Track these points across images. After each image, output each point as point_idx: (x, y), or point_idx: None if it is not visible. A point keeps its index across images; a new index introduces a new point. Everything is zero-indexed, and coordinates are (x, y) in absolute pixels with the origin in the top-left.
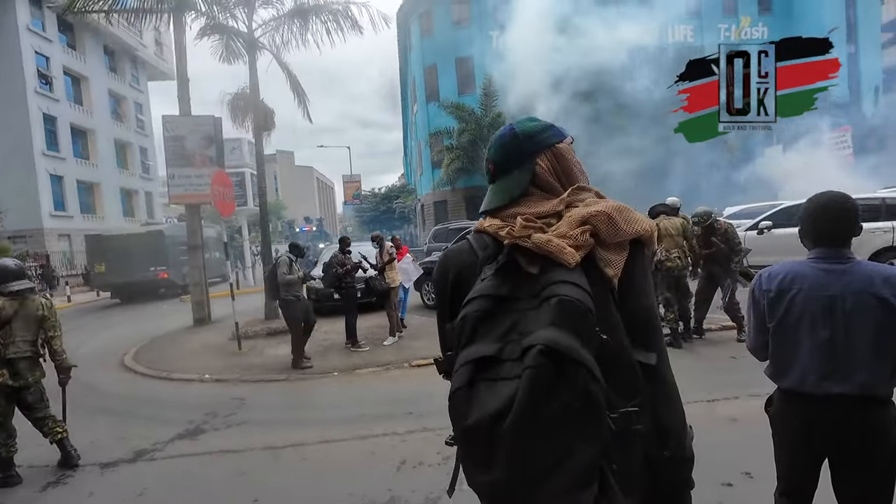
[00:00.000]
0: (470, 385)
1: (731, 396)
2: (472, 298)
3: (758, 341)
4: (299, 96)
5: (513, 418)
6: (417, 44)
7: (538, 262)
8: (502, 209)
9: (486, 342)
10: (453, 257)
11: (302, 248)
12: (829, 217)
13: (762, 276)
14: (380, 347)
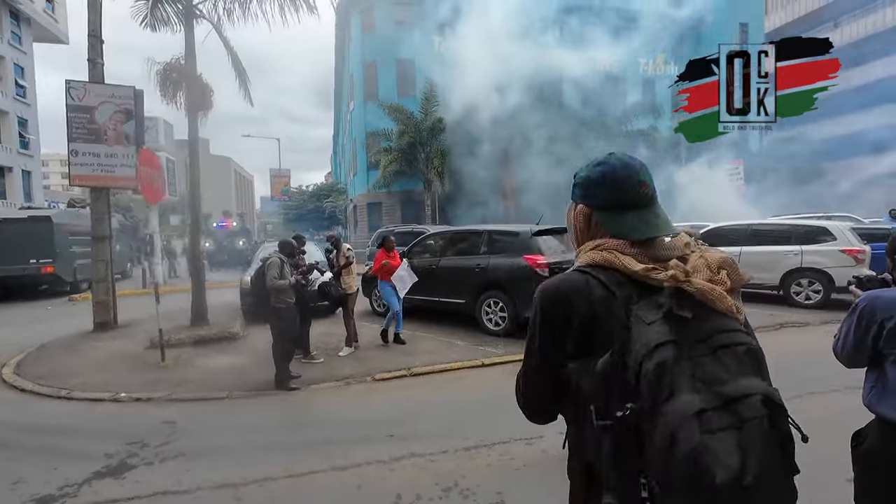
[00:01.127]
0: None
1: None
2: (659, 345)
3: (853, 359)
4: (240, 76)
5: (762, 471)
6: (357, 39)
7: (691, 306)
8: (646, 241)
9: (686, 392)
10: (578, 291)
11: (296, 248)
12: None
13: (875, 302)
14: (335, 359)
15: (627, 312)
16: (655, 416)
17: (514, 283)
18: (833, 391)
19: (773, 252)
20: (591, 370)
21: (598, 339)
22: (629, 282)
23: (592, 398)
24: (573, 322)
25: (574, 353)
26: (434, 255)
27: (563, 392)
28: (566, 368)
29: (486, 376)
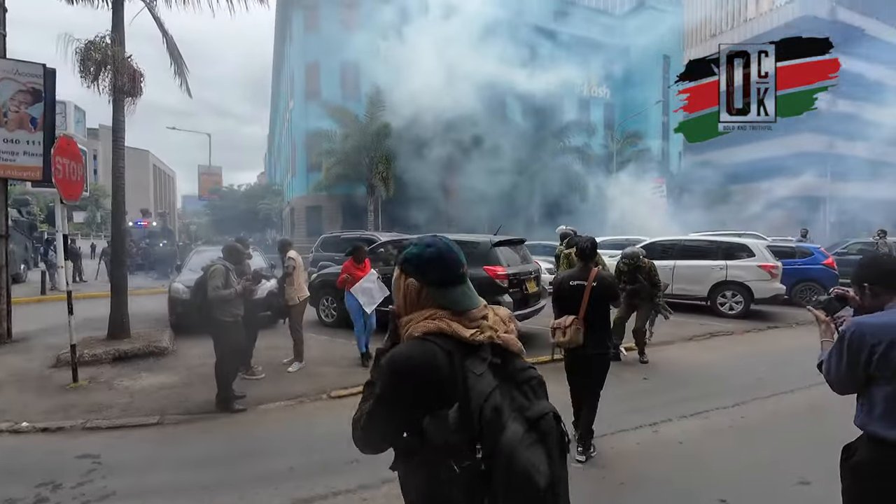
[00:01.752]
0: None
1: (664, 419)
2: (491, 391)
3: (846, 386)
4: (177, 63)
5: (561, 470)
6: (300, 37)
7: (500, 354)
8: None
9: (512, 423)
10: (426, 358)
11: (243, 253)
12: (888, 267)
13: (863, 328)
14: (283, 376)
15: (464, 370)
16: (496, 449)
17: None
18: (773, 395)
19: (702, 266)
20: (443, 421)
21: (445, 395)
22: (458, 344)
23: (446, 445)
24: (423, 386)
25: (425, 410)
26: (387, 265)
27: (400, 435)
28: (417, 421)
29: None
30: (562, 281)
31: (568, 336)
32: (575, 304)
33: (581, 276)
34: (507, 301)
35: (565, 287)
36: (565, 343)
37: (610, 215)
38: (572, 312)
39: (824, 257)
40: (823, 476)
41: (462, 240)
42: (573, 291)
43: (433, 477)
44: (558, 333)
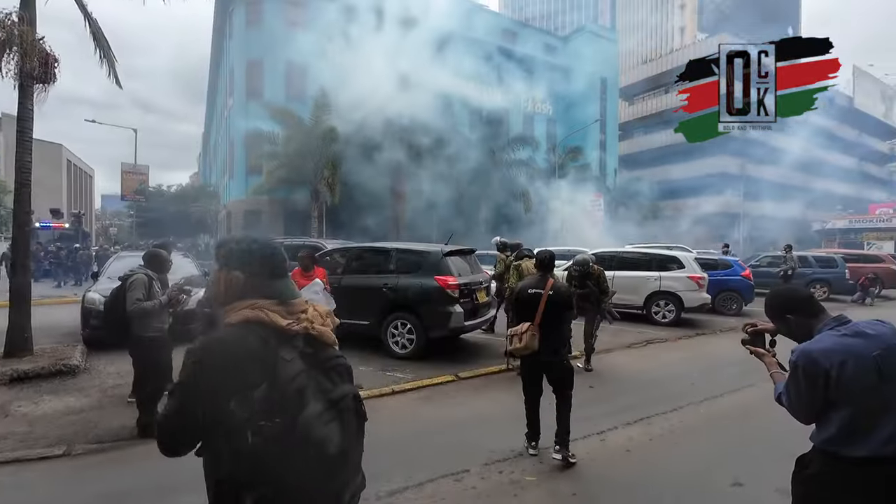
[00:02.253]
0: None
1: (610, 427)
2: (296, 375)
3: (810, 415)
4: (102, 48)
5: (352, 440)
6: (241, 33)
7: (313, 344)
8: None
9: (313, 402)
10: (239, 344)
11: (167, 260)
12: (801, 295)
13: (813, 355)
14: None
15: (276, 356)
16: (294, 423)
17: (424, 304)
18: (706, 400)
19: (638, 277)
20: (250, 400)
21: (256, 378)
22: (274, 332)
23: (247, 420)
24: (235, 369)
25: (234, 392)
26: (334, 273)
27: (204, 427)
28: (225, 404)
29: (398, 405)
30: (521, 290)
31: (524, 342)
32: (532, 312)
33: (539, 285)
34: (459, 311)
35: (524, 295)
36: (521, 349)
37: (551, 227)
38: (528, 319)
39: (742, 269)
40: (754, 477)
41: (413, 249)
42: (531, 299)
43: (235, 447)
44: (514, 340)
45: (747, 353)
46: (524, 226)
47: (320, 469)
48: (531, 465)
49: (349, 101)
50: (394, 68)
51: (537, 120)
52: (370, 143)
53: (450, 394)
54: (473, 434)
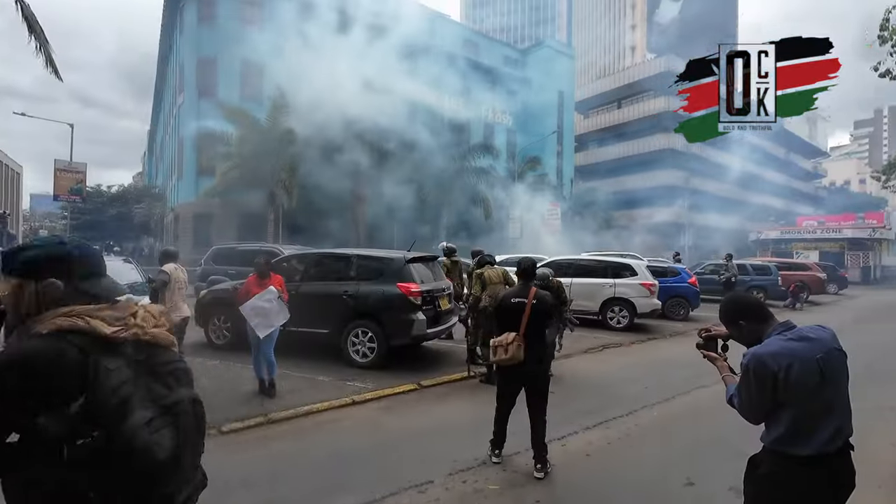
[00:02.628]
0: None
1: (571, 432)
2: (120, 385)
3: (760, 416)
4: (37, 35)
5: (188, 440)
6: (193, 28)
7: (145, 349)
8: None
9: (139, 411)
10: (54, 357)
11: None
12: (753, 302)
13: (762, 359)
14: None
15: (97, 365)
16: (118, 434)
17: (386, 312)
18: (658, 402)
19: (594, 284)
20: (62, 416)
21: (70, 391)
22: (95, 340)
23: (63, 437)
24: (41, 383)
25: (41, 409)
26: (292, 280)
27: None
28: (30, 421)
29: (359, 416)
30: (503, 299)
31: (510, 353)
32: (516, 322)
33: (522, 294)
34: (421, 319)
35: (507, 304)
36: (507, 360)
37: (510, 234)
38: (513, 329)
39: (689, 276)
40: (706, 476)
41: (375, 255)
42: (514, 309)
43: (50, 465)
44: (499, 351)
45: (696, 357)
46: (484, 232)
47: (148, 477)
48: (495, 474)
49: (308, 103)
50: (354, 71)
51: (497, 129)
52: (330, 146)
53: (411, 403)
54: (436, 444)
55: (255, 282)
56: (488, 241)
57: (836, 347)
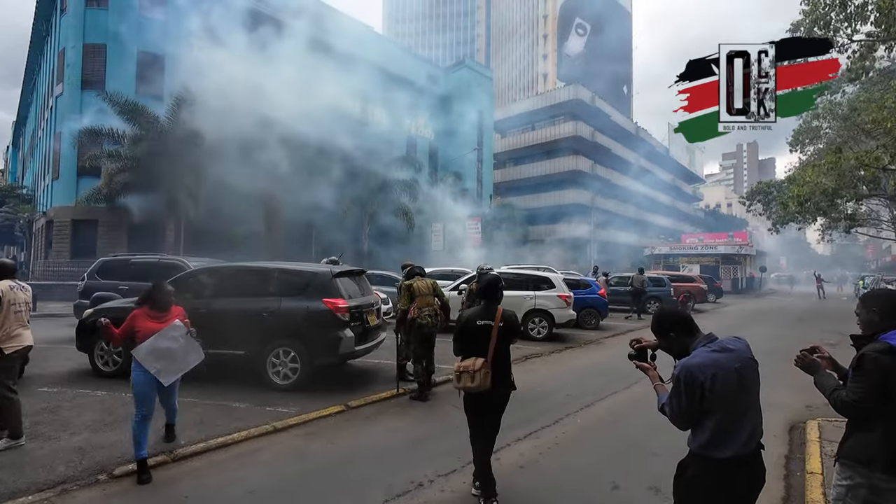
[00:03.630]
0: None
1: (503, 445)
2: None
3: (688, 422)
4: None
5: None
6: (78, 11)
7: None
8: None
9: None
10: None
11: None
12: (684, 316)
13: (691, 370)
14: (35, 456)
15: None
16: None
17: (311, 330)
18: (581, 409)
19: (517, 296)
20: None
21: None
22: None
23: None
24: None
25: None
26: (201, 297)
27: None
28: None
29: (282, 444)
30: (467, 320)
31: (477, 381)
32: (481, 345)
33: (487, 317)
34: (349, 336)
35: (471, 327)
36: (474, 388)
37: (433, 247)
38: (477, 353)
39: (598, 288)
40: (628, 478)
41: (298, 269)
42: (480, 332)
43: None
44: (465, 378)
45: (611, 364)
46: (405, 243)
47: None
48: (433, 495)
49: (218, 103)
50: (270, 71)
51: (420, 143)
52: (242, 150)
53: (340, 426)
54: (369, 469)
55: (146, 315)
56: (410, 253)
57: (750, 357)
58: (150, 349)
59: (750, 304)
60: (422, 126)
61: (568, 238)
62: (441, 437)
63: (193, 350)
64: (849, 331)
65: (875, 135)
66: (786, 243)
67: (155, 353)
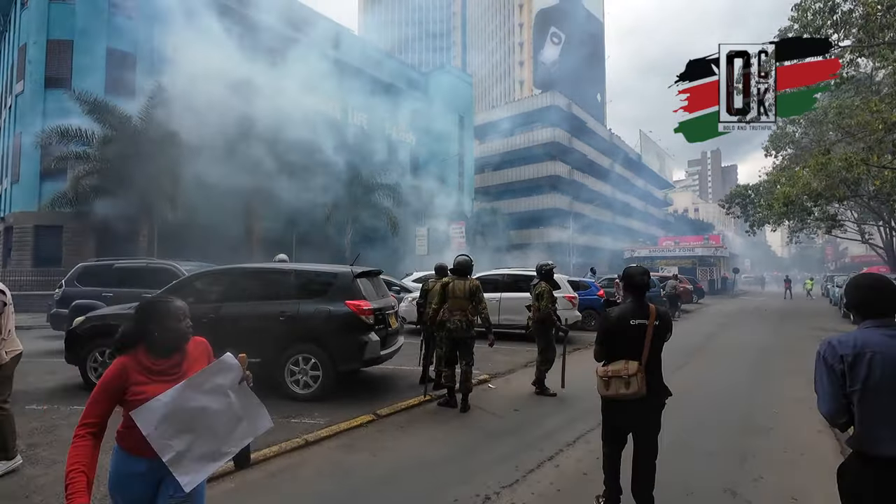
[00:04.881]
0: None
1: (556, 451)
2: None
3: (834, 406)
4: None
5: None
6: (41, 5)
7: None
8: None
9: None
10: None
11: None
12: (883, 295)
13: (832, 344)
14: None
15: None
16: None
17: (335, 334)
18: None
19: (522, 298)
20: None
21: None
22: None
23: None
24: None
25: None
26: (208, 302)
27: None
28: None
29: (318, 459)
30: (619, 319)
31: (633, 387)
32: (633, 347)
33: (641, 315)
34: (374, 339)
35: (624, 327)
36: (629, 395)
37: (417, 251)
38: (627, 355)
39: (598, 289)
40: (696, 482)
41: (317, 270)
42: (634, 333)
43: None
44: (617, 384)
45: None
46: (390, 248)
47: None
48: None
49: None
50: (250, 73)
51: (401, 148)
52: (221, 152)
53: (374, 437)
54: (424, 482)
55: (143, 366)
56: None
57: None
58: (165, 410)
59: (728, 304)
60: (402, 130)
61: (546, 242)
62: (486, 445)
63: (255, 413)
64: (829, 326)
65: (860, 136)
66: (749, 246)
67: (174, 420)
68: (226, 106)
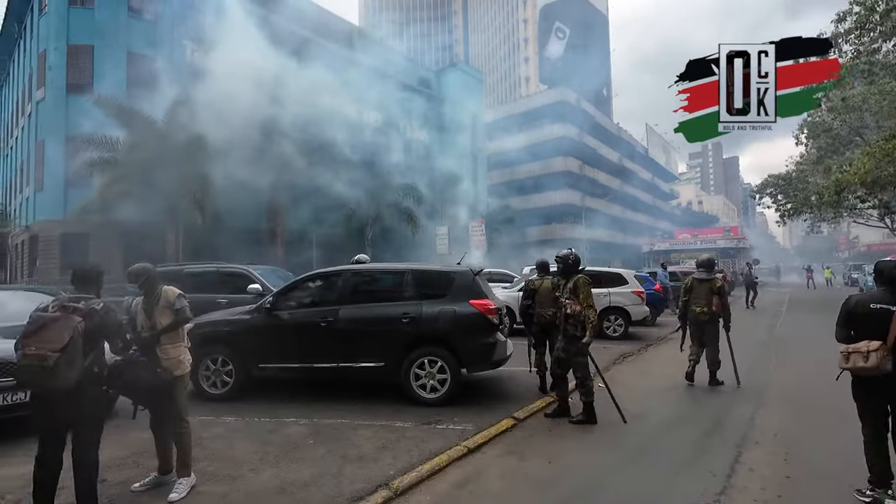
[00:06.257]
0: None
1: (733, 459)
2: None
3: None
4: None
5: None
6: (60, 10)
7: None
8: None
9: None
10: None
11: None
12: None
13: None
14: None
15: None
16: None
17: (462, 335)
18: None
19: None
20: None
21: None
22: None
23: None
24: None
25: None
26: (323, 304)
27: None
28: None
29: (496, 467)
30: (857, 304)
31: (872, 361)
32: (873, 329)
33: (885, 300)
34: (502, 340)
35: (864, 310)
36: (868, 369)
37: (438, 250)
38: (869, 337)
39: (654, 284)
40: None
41: (435, 269)
42: (875, 315)
43: None
44: (856, 357)
45: None
46: (410, 248)
47: None
48: None
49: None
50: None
51: (415, 147)
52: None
53: (529, 442)
54: (635, 488)
55: None
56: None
57: None
58: None
59: (760, 295)
60: (416, 128)
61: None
62: (657, 445)
63: None
64: None
65: None
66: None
67: None
68: (249, 107)
